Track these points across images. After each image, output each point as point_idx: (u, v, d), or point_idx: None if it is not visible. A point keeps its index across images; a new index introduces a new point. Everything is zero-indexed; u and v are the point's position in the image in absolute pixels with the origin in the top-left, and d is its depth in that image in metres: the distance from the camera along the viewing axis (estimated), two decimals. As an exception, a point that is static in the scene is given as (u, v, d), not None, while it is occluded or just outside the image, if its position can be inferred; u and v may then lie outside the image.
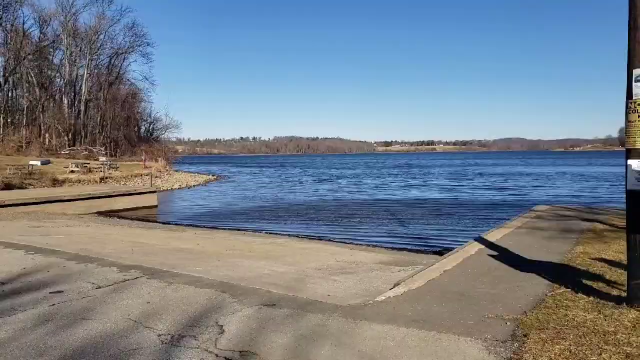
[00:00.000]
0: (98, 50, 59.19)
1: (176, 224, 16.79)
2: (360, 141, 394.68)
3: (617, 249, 7.11)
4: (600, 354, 3.54)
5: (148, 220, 17.71)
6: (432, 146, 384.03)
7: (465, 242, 9.21)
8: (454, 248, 8.98)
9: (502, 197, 27.83)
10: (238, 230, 15.45)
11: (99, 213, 19.13)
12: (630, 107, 4.58)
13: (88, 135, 55.91)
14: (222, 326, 4.38)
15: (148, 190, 23.44)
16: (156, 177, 38.52)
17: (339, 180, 46.66)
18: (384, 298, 5.28)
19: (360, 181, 45.42)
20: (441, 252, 10.63)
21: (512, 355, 3.62)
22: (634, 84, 4.54)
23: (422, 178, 49.31)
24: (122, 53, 62.45)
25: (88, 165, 34.40)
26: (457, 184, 40.22)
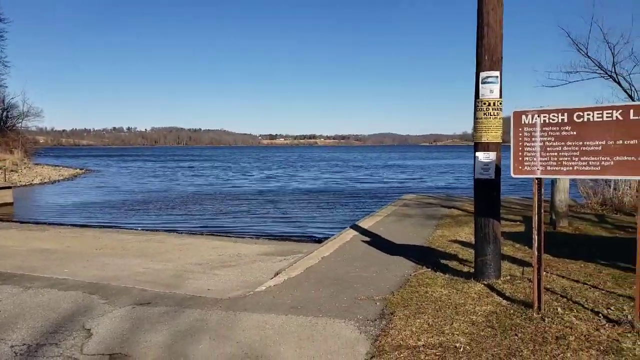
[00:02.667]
0: None
1: (37, 223, 15.13)
2: (245, 134, 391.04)
3: (469, 231, 8.05)
4: (452, 324, 4.00)
5: (1, 220, 15.73)
6: (314, 140, 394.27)
7: (344, 229, 9.67)
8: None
9: (380, 187, 29.61)
10: (111, 227, 14.42)
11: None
12: (477, 106, 5.19)
13: None
14: (89, 330, 4.11)
15: (1, 185, 20.80)
16: (12, 170, 34.26)
17: (227, 172, 45.80)
18: (264, 288, 5.37)
19: (248, 172, 45.06)
20: (321, 240, 11.03)
21: (380, 332, 3.93)
22: (480, 85, 5.15)
23: (309, 170, 50.42)
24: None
25: None
26: (340, 175, 41.82)
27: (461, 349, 3.51)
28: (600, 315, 4.08)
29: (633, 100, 10.65)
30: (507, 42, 5.20)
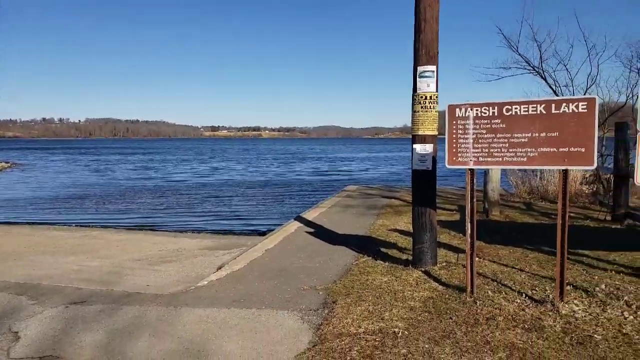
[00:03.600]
0: None
1: (-44, 222, 14.04)
2: (186, 125, 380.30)
3: (407, 221, 8.33)
4: (392, 310, 4.15)
5: None
6: (259, 132, 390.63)
7: (288, 221, 9.70)
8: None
9: (325, 178, 29.84)
10: (42, 224, 13.63)
11: None
12: (415, 100, 5.36)
13: None
14: (17, 332, 3.90)
15: None
16: None
17: (167, 165, 44.38)
18: (206, 282, 5.30)
19: (190, 165, 43.90)
20: (265, 233, 11.00)
21: (322, 321, 4.00)
22: (418, 79, 5.31)
23: (256, 162, 49.90)
24: None
25: None
26: (286, 167, 41.70)
27: (399, 334, 3.65)
28: (525, 296, 4.37)
29: (557, 95, 11.36)
30: (448, 38, 5.40)
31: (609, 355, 3.23)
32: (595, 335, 3.53)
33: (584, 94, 10.46)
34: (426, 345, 3.44)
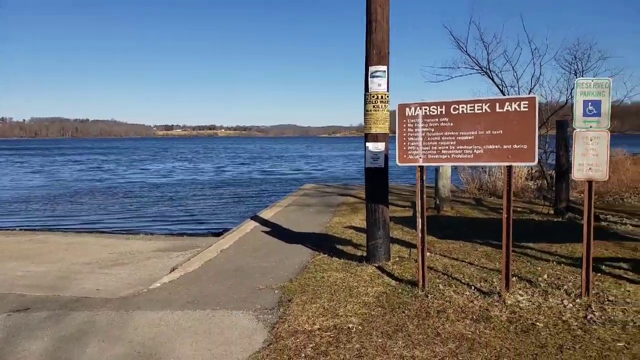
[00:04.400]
0: None
1: None
2: (138, 124, 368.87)
3: (363, 217, 8.41)
4: (346, 306, 4.21)
5: None
6: (214, 131, 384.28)
7: (244, 221, 9.62)
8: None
9: (282, 177, 29.76)
10: (-18, 229, 12.89)
11: None
12: (367, 99, 5.45)
13: None
14: (-45, 343, 3.70)
15: None
16: None
17: (119, 165, 42.90)
18: (159, 285, 5.20)
19: (143, 165, 42.63)
20: (221, 233, 10.87)
21: (277, 319, 4.01)
22: (370, 78, 5.40)
23: (212, 161, 49.07)
24: None
25: None
26: (244, 166, 41.25)
27: (353, 330, 3.71)
28: (474, 288, 4.54)
29: (504, 94, 11.82)
30: (401, 38, 5.51)
31: (550, 342, 3.41)
32: (538, 323, 3.72)
33: (529, 94, 10.93)
34: (379, 340, 3.52)
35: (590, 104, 4.18)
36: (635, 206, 9.58)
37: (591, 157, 4.17)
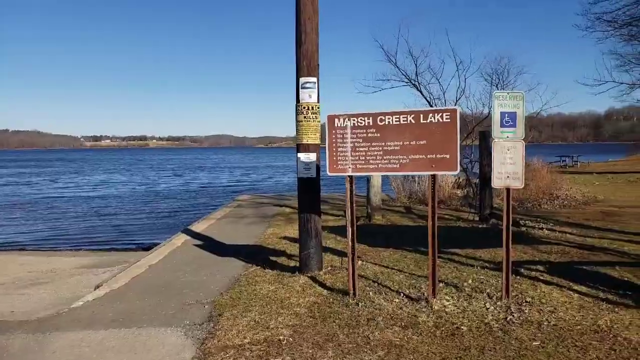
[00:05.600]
0: None
1: None
2: (64, 135, 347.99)
3: (297, 228, 8.46)
4: (278, 318, 4.18)
5: None
6: (146, 141, 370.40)
7: (175, 235, 9.32)
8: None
9: (217, 188, 29.18)
10: None
11: None
12: (298, 109, 5.48)
13: None
14: None
15: None
16: None
17: (41, 178, 40.12)
18: (81, 303, 4.92)
19: (67, 178, 40.14)
20: (150, 247, 10.46)
21: (207, 335, 3.91)
22: (300, 89, 5.45)
23: (144, 173, 47.16)
24: None
25: None
26: (178, 179, 39.97)
27: (284, 341, 3.68)
28: (403, 295, 4.66)
29: (431, 106, 12.35)
30: (335, 50, 5.60)
31: (473, 344, 3.56)
32: (462, 327, 3.87)
33: (454, 105, 11.49)
34: (310, 350, 3.52)
35: (507, 115, 4.45)
36: (551, 211, 10.29)
37: (509, 165, 4.43)
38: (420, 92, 12.38)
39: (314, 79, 5.39)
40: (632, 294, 4.50)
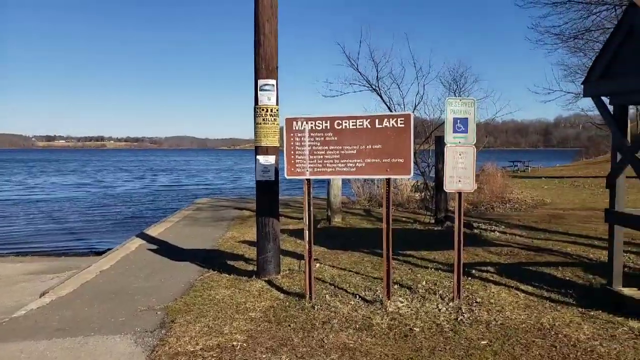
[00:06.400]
0: None
1: None
2: (13, 134, 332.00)
3: (257, 231, 8.41)
4: (232, 323, 4.11)
5: None
6: (102, 142, 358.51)
7: (129, 239, 9.05)
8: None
9: (177, 191, 28.57)
10: None
11: None
12: (257, 112, 5.44)
13: None
14: None
15: None
16: None
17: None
18: (24, 312, 4.69)
19: (22, 181, 38.29)
20: (103, 252, 10.12)
21: (158, 342, 3.80)
22: (259, 92, 5.41)
23: (100, 175, 45.60)
24: None
25: None
26: (136, 181, 38.85)
27: (238, 347, 3.63)
28: (359, 297, 4.69)
29: (391, 111, 12.53)
30: (298, 52, 5.58)
31: (425, 345, 3.62)
32: (415, 328, 3.93)
33: (413, 111, 11.71)
34: (264, 355, 3.48)
35: (459, 121, 4.56)
36: (503, 214, 10.63)
37: (460, 170, 4.54)
38: (381, 97, 12.54)
39: (273, 82, 5.37)
40: (573, 293, 4.71)
